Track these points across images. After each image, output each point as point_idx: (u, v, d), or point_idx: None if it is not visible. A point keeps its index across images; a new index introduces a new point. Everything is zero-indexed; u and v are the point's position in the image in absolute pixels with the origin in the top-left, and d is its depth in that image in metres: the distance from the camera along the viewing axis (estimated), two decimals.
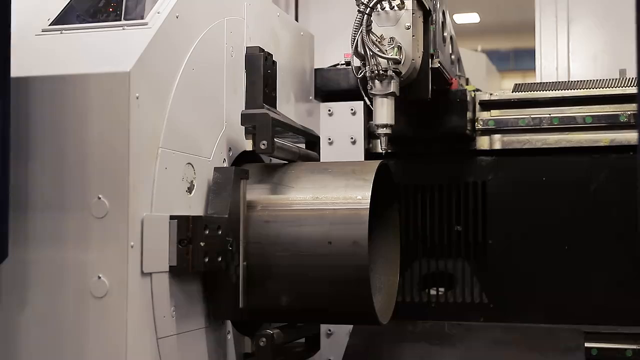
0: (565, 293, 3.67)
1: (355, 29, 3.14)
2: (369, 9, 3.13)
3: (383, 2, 3.23)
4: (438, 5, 3.64)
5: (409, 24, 3.28)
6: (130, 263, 2.35)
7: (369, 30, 3.15)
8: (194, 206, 2.72)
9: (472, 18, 12.86)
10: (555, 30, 5.49)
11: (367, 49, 3.15)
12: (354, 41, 3.16)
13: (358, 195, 2.88)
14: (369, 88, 3.24)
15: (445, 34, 3.82)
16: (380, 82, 3.21)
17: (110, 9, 2.70)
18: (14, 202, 2.35)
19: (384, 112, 3.24)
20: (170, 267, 2.53)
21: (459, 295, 3.80)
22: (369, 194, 2.86)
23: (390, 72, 3.19)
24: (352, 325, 3.72)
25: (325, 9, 5.69)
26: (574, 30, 5.47)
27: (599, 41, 5.45)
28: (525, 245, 3.74)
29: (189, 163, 2.69)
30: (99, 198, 2.37)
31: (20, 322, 2.41)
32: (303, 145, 3.42)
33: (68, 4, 2.75)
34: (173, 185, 2.61)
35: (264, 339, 2.87)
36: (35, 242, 2.42)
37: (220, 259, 2.69)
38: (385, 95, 3.23)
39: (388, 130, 3.26)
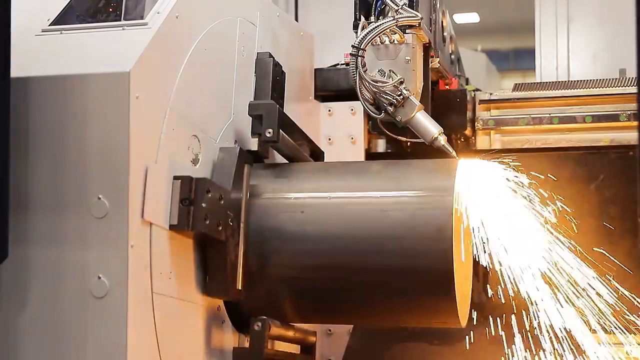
0: None
1: (353, 73, 3.15)
2: (360, 50, 3.13)
3: (382, 36, 3.23)
4: (438, 5, 3.64)
5: (408, 58, 3.29)
6: (130, 263, 2.35)
7: (365, 71, 3.15)
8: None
9: (472, 18, 12.84)
10: (555, 29, 5.48)
11: (371, 87, 3.15)
12: (355, 85, 3.16)
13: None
14: (398, 120, 3.22)
15: (445, 34, 3.83)
16: (403, 107, 3.20)
17: (110, 9, 2.70)
18: (14, 202, 2.35)
19: (429, 125, 3.22)
20: (170, 225, 2.55)
21: None
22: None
23: (404, 92, 3.18)
24: (352, 325, 3.72)
25: (325, 9, 5.68)
26: (573, 29, 5.46)
27: (599, 41, 5.45)
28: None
29: (194, 135, 2.70)
30: (99, 198, 2.37)
31: (20, 322, 2.41)
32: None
33: (68, 4, 2.75)
34: (178, 147, 2.62)
35: (259, 323, 2.83)
36: (35, 242, 2.42)
37: (220, 228, 2.69)
38: (416, 112, 3.21)
39: (444, 136, 3.23)
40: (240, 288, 2.83)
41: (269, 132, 2.91)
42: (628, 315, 3.19)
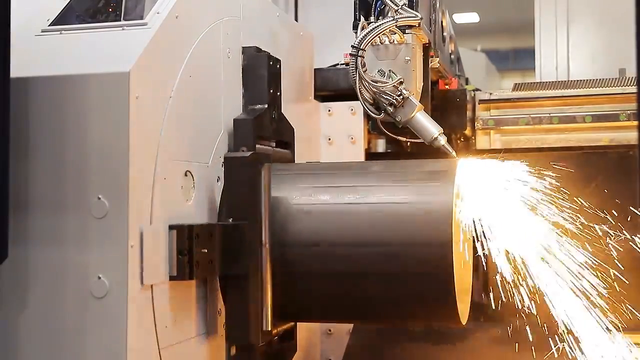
0: None
1: (353, 73, 3.15)
2: (360, 50, 3.13)
3: (382, 37, 3.23)
4: (437, 5, 3.64)
5: (408, 58, 3.29)
6: (130, 263, 2.35)
7: (364, 71, 3.15)
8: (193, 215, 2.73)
9: (471, 18, 12.86)
10: (555, 29, 5.48)
11: (371, 87, 3.15)
12: (355, 85, 3.16)
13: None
14: (398, 120, 3.22)
15: (444, 34, 3.83)
16: (403, 107, 3.20)
17: (110, 9, 2.70)
18: (14, 202, 2.35)
19: (429, 126, 3.22)
20: (170, 277, 2.53)
21: None
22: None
23: (404, 92, 3.18)
24: (352, 325, 3.72)
25: (325, 9, 5.68)
26: (573, 29, 5.46)
27: (599, 41, 5.45)
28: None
29: (187, 171, 2.69)
30: (99, 198, 2.37)
31: (20, 322, 2.41)
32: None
33: (68, 4, 2.75)
34: (172, 194, 2.61)
35: None
36: (35, 242, 2.42)
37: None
38: (416, 112, 3.21)
39: (444, 136, 3.23)
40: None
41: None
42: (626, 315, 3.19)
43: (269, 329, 2.79)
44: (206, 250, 2.62)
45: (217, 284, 2.83)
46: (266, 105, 3.06)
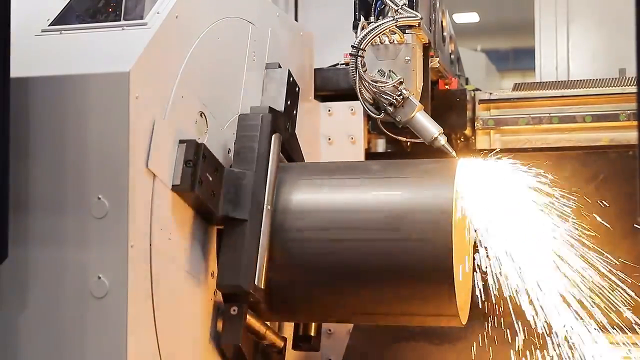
0: None
1: (353, 73, 3.15)
2: (360, 50, 3.13)
3: (382, 37, 3.23)
4: (437, 5, 3.64)
5: (408, 58, 3.28)
6: (130, 263, 2.35)
7: (364, 71, 3.15)
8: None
9: (471, 18, 12.84)
10: (555, 29, 5.48)
11: (371, 87, 3.15)
12: (355, 85, 3.16)
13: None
14: (398, 120, 3.22)
15: (444, 33, 3.83)
16: (403, 107, 3.19)
17: (110, 9, 2.71)
18: (14, 202, 2.35)
19: (429, 126, 3.22)
20: (173, 185, 2.56)
21: None
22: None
23: (404, 92, 3.18)
24: (352, 325, 3.72)
25: (325, 9, 5.68)
26: (573, 29, 5.45)
27: (599, 41, 5.45)
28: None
29: (202, 112, 2.74)
30: (99, 198, 2.37)
31: (20, 322, 2.41)
32: None
33: (67, 4, 2.75)
34: (185, 117, 2.65)
35: (235, 308, 2.77)
36: (35, 242, 2.42)
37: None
38: (416, 112, 3.21)
39: (444, 136, 3.22)
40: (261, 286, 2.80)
41: None
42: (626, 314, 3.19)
43: (261, 286, 2.77)
44: (211, 179, 2.66)
45: (214, 240, 2.83)
46: (282, 110, 3.12)
